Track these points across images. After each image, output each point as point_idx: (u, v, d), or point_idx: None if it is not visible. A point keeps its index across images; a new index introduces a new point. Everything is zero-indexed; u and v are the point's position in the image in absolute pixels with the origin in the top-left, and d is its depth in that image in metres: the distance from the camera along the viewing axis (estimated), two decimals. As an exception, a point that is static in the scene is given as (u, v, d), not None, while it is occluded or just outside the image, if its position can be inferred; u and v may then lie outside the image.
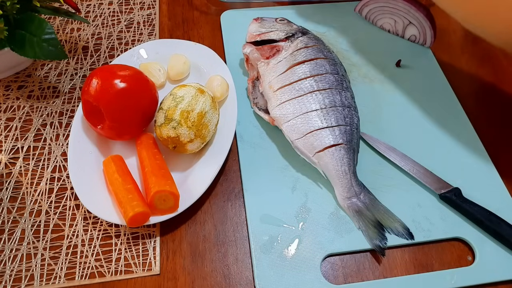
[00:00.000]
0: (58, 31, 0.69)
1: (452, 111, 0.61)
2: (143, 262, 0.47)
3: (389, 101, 0.61)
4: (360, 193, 0.50)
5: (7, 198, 0.51)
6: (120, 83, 0.50)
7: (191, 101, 0.50)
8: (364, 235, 0.49)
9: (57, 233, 0.49)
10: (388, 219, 0.49)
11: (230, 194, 0.53)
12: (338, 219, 0.50)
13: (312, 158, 0.52)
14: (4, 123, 0.58)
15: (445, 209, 0.51)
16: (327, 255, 0.48)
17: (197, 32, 0.70)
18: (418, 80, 0.64)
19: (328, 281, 0.46)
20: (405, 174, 0.54)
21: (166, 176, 0.49)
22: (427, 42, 0.67)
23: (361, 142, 0.55)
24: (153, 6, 0.73)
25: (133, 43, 0.68)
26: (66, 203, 0.51)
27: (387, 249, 0.48)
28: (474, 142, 0.57)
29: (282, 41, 0.60)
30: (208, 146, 0.54)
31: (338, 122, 0.53)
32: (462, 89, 0.63)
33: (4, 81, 0.62)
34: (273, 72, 0.57)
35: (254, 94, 0.59)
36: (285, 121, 0.54)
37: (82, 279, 0.46)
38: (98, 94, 0.49)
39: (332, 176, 0.51)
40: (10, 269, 0.46)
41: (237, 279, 0.47)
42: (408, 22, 0.66)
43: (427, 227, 0.50)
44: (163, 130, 0.50)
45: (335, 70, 0.57)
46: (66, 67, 0.64)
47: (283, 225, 0.50)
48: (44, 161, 0.55)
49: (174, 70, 0.60)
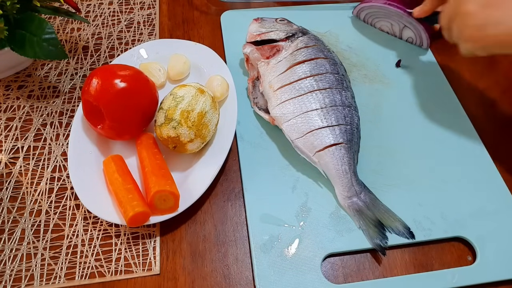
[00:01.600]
0: (58, 31, 0.70)
1: (452, 111, 0.62)
2: (143, 262, 0.48)
3: (389, 101, 0.62)
4: (360, 193, 0.51)
5: (7, 198, 0.52)
6: (120, 83, 0.51)
7: (191, 101, 0.51)
8: (364, 235, 0.50)
9: (57, 233, 0.50)
10: (389, 218, 0.50)
11: (230, 194, 0.54)
12: (339, 218, 0.51)
13: (312, 158, 0.53)
14: (4, 123, 0.59)
15: (446, 208, 0.52)
16: (328, 255, 0.49)
17: (197, 32, 0.71)
18: (418, 80, 0.65)
19: (329, 280, 0.47)
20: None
21: (166, 176, 0.50)
22: (424, 44, 0.68)
23: (361, 142, 0.55)
24: (153, 6, 0.74)
25: (133, 43, 0.69)
26: (66, 203, 0.52)
27: (388, 248, 0.49)
28: (474, 141, 0.58)
29: (282, 41, 0.61)
30: (208, 146, 0.54)
31: (339, 121, 0.53)
32: (461, 88, 0.64)
33: (4, 81, 0.63)
34: (273, 71, 0.58)
35: (254, 94, 0.60)
36: (285, 121, 0.55)
37: (82, 279, 0.47)
38: (98, 94, 0.50)
39: (333, 176, 0.52)
40: (10, 269, 0.47)
41: (237, 279, 0.47)
42: (403, 25, 0.68)
43: (427, 226, 0.50)
44: (163, 130, 0.51)
45: (335, 69, 0.57)
46: (66, 67, 0.65)
47: (284, 225, 0.51)
48: (44, 161, 0.55)
49: (174, 70, 0.61)
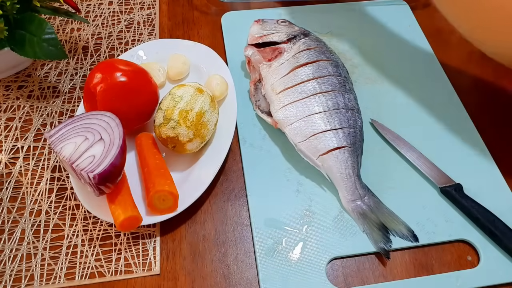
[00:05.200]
0: (58, 31, 0.73)
1: (454, 111, 0.64)
2: (143, 262, 0.50)
3: (391, 102, 0.64)
4: (364, 196, 0.53)
5: (7, 198, 0.54)
6: (120, 76, 0.53)
7: (190, 100, 0.53)
8: (368, 238, 0.51)
9: (57, 233, 0.52)
10: (393, 222, 0.52)
11: (230, 194, 0.56)
12: (343, 222, 0.53)
13: (315, 161, 0.54)
14: (4, 123, 0.61)
15: (450, 211, 0.54)
16: (333, 258, 0.50)
17: (197, 32, 0.73)
18: (420, 81, 0.67)
19: (334, 284, 0.48)
20: (409, 167, 0.57)
21: (165, 176, 0.52)
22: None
23: (364, 145, 0.57)
24: (153, 6, 0.77)
25: (133, 43, 0.71)
26: (66, 203, 0.54)
27: (392, 251, 0.51)
28: (476, 142, 0.60)
29: (284, 43, 0.63)
30: (207, 146, 0.56)
31: (342, 124, 0.55)
32: (464, 88, 0.66)
33: (4, 81, 0.65)
34: (275, 74, 0.60)
35: (257, 97, 0.62)
36: (288, 124, 0.56)
37: (82, 279, 0.49)
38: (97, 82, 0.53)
39: (336, 179, 0.54)
40: (10, 269, 0.49)
41: (237, 279, 0.49)
42: None
43: (431, 229, 0.52)
44: (162, 130, 0.53)
45: (338, 72, 0.59)
46: (66, 67, 0.68)
47: (288, 229, 0.52)
48: (44, 161, 0.58)
49: (174, 70, 0.63)
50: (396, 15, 0.76)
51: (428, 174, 0.56)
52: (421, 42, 0.72)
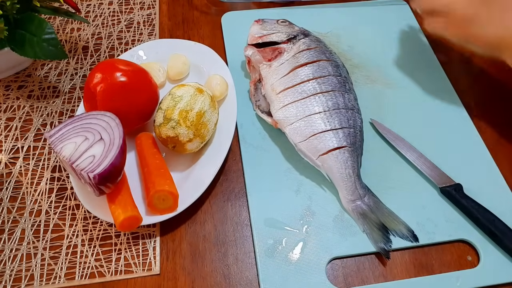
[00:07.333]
0: (58, 31, 0.73)
1: (454, 111, 0.64)
2: (143, 262, 0.51)
3: (391, 102, 0.65)
4: (364, 196, 0.53)
5: (7, 198, 0.55)
6: (120, 76, 0.54)
7: (190, 100, 0.54)
8: (368, 238, 0.52)
9: (57, 233, 0.52)
10: (393, 222, 0.52)
11: (230, 194, 0.56)
12: (343, 222, 0.53)
13: (315, 161, 0.55)
14: (4, 123, 0.62)
15: (450, 211, 0.54)
16: (332, 258, 0.51)
17: (197, 32, 0.74)
18: (419, 80, 0.68)
19: (334, 284, 0.49)
20: (409, 167, 0.58)
21: (165, 176, 0.53)
22: None
23: (364, 145, 0.58)
24: (153, 6, 0.77)
25: (133, 43, 0.72)
26: (66, 203, 0.55)
27: (392, 251, 0.51)
28: (476, 142, 0.61)
29: (284, 43, 0.63)
30: (207, 146, 0.57)
31: (342, 124, 0.56)
32: (464, 88, 0.67)
33: (4, 81, 0.66)
34: (275, 74, 0.61)
35: (257, 97, 0.62)
36: (288, 124, 0.57)
37: (82, 279, 0.49)
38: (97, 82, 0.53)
39: (336, 179, 0.54)
40: (10, 269, 0.50)
41: (237, 279, 0.50)
42: None
43: (431, 229, 0.53)
44: (162, 130, 0.53)
45: (338, 72, 0.60)
46: (66, 67, 0.69)
47: (288, 229, 0.53)
48: (44, 161, 0.58)
49: (174, 70, 0.64)
50: (396, 15, 0.77)
51: (428, 174, 0.57)
52: (421, 42, 0.73)
